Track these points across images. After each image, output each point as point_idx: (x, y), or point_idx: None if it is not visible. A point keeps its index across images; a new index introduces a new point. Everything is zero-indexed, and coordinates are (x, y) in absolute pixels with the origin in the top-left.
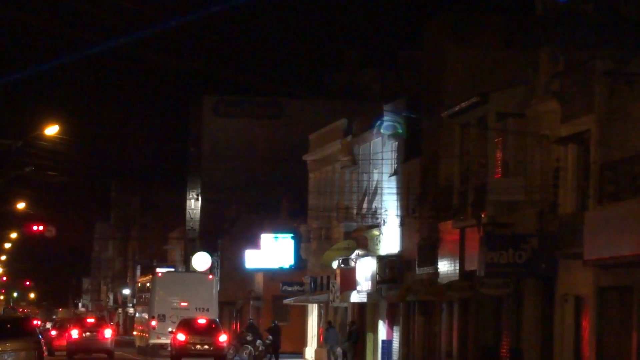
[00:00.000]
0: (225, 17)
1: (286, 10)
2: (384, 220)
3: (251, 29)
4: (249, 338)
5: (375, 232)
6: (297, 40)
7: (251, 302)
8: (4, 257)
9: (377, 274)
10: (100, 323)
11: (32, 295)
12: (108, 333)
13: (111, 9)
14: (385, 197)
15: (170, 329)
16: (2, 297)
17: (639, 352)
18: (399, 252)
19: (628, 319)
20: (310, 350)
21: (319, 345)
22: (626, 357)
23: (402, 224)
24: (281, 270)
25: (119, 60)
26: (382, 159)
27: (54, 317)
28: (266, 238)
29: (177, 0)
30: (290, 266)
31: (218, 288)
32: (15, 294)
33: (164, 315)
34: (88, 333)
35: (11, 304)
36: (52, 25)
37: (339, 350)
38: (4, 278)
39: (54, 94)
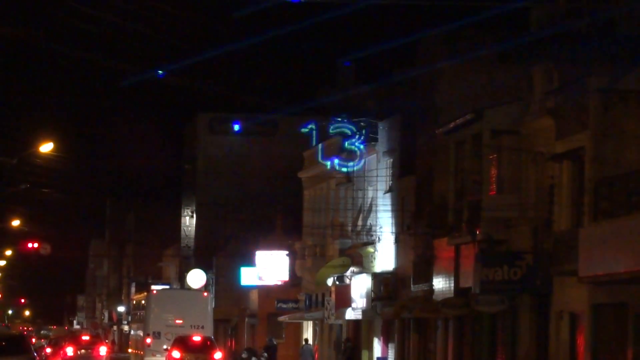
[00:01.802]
0: (219, 35)
1: (280, 27)
2: (379, 238)
3: (245, 46)
4: (244, 356)
5: (370, 249)
6: (291, 56)
7: (246, 320)
8: None
9: (372, 291)
10: (95, 340)
11: (26, 313)
12: (103, 350)
13: (105, 26)
14: (380, 214)
15: (165, 347)
16: None
17: None
18: (393, 269)
19: (623, 336)
20: None
21: None
22: None
23: (397, 241)
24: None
25: (113, 77)
26: (377, 175)
27: (42, 331)
28: (261, 255)
29: (166, 17)
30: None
31: (213, 305)
32: (10, 312)
33: (159, 333)
34: (83, 350)
35: (5, 322)
36: (44, 41)
37: None
38: None
39: (49, 111)
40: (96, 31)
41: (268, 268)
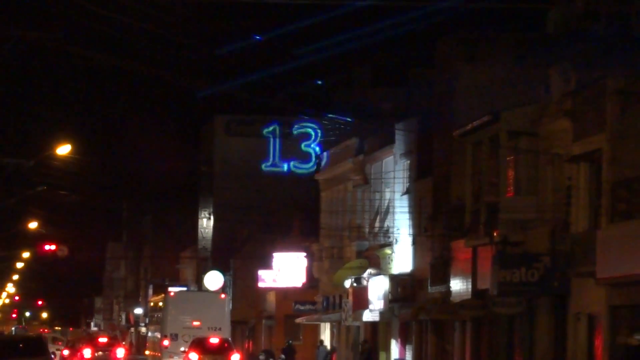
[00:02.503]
0: (235, 37)
1: (296, 30)
2: (396, 239)
3: (261, 48)
4: (262, 357)
5: (388, 250)
6: (308, 58)
7: (263, 322)
8: (16, 277)
9: (389, 292)
10: (113, 342)
11: (44, 315)
12: (121, 352)
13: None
14: (397, 216)
15: (182, 349)
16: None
17: None
18: (411, 270)
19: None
20: None
21: None
22: None
23: (414, 243)
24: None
25: (130, 80)
26: (394, 177)
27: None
28: (278, 257)
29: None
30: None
31: (230, 307)
32: (27, 314)
33: (176, 335)
34: (100, 352)
35: (23, 324)
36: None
37: None
38: (17, 298)
39: (66, 113)
40: (112, 33)
41: (285, 270)
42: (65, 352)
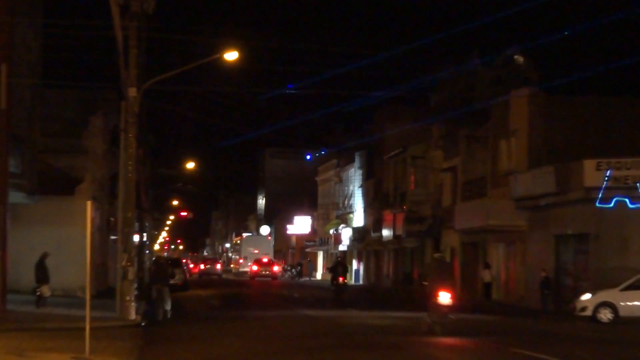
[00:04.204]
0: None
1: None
2: (355, 210)
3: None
4: (287, 267)
5: (351, 215)
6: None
7: (290, 250)
8: (167, 228)
9: (352, 236)
10: (215, 261)
11: (180, 247)
12: (218, 266)
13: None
14: (356, 199)
15: (249, 264)
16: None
17: (467, 279)
18: (363, 225)
19: (476, 259)
20: (318, 275)
21: (323, 272)
22: (475, 281)
23: (365, 212)
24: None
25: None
26: (355, 179)
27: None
28: (297, 219)
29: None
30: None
31: (273, 243)
32: (172, 247)
33: (246, 257)
34: (208, 265)
35: (166, 254)
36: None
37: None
38: (167, 238)
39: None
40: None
41: (300, 224)
42: (191, 266)
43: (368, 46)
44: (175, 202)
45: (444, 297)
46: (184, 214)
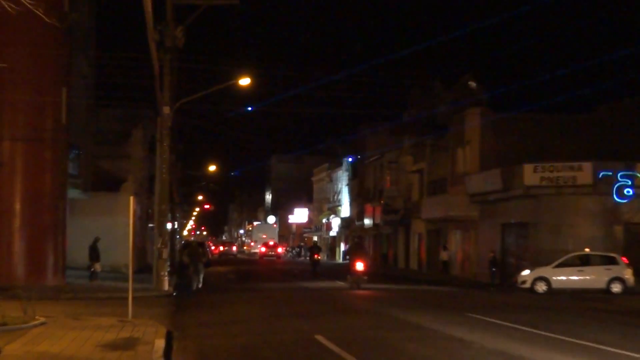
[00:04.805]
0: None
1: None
2: (343, 203)
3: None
4: (289, 249)
5: (339, 208)
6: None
7: (291, 235)
8: (193, 218)
9: (340, 224)
10: (231, 244)
11: (204, 233)
12: (234, 248)
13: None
14: (343, 195)
15: (259, 246)
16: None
17: (431, 259)
18: (349, 215)
19: (439, 243)
20: None
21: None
22: (437, 263)
23: (350, 205)
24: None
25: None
26: (342, 179)
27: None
28: (297, 210)
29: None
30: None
31: (278, 230)
32: (197, 232)
33: (256, 241)
34: (226, 248)
35: (193, 238)
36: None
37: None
38: (194, 225)
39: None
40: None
41: (299, 215)
42: (212, 248)
43: (351, 68)
44: (200, 197)
45: (359, 266)
46: (207, 206)
